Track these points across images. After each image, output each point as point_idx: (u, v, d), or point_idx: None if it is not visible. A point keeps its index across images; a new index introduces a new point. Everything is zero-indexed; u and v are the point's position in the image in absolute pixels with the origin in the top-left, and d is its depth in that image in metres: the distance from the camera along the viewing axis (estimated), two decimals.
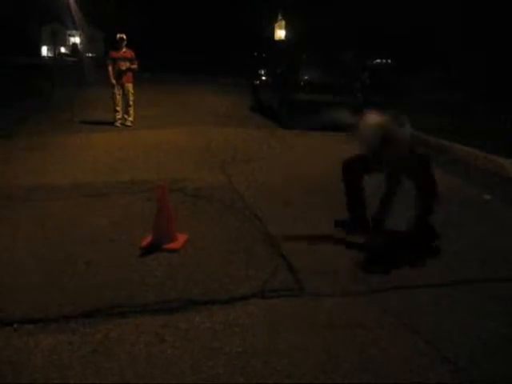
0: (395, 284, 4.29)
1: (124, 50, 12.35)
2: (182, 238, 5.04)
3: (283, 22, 36.59)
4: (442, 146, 10.37)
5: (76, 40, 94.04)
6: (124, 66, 12.26)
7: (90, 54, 77.95)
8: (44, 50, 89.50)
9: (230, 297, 3.94)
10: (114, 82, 12.29)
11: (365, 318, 3.72)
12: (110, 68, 12.31)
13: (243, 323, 3.57)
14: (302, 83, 13.16)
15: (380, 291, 4.14)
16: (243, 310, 3.77)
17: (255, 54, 37.91)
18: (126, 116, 12.55)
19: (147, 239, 4.94)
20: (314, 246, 5.06)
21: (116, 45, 12.43)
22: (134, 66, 12.44)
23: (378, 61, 27.88)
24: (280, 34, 36.89)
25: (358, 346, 3.35)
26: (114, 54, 12.37)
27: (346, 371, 3.11)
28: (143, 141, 10.62)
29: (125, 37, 12.31)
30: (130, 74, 12.43)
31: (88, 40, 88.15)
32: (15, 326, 3.51)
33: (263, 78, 16.89)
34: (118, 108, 12.47)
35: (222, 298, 3.92)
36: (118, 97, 12.40)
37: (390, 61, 27.53)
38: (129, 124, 12.49)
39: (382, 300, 3.99)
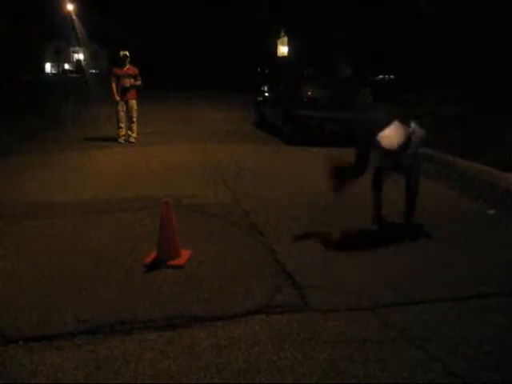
0: (399, 299, 4.28)
1: (127, 67, 12.43)
2: (186, 254, 5.04)
3: (286, 38, 36.87)
4: (444, 160, 10.39)
5: (80, 57, 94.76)
6: (128, 82, 12.33)
7: (94, 71, 78.61)
8: (48, 67, 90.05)
9: (235, 313, 3.94)
10: (117, 98, 12.36)
11: (369, 333, 3.71)
12: (114, 85, 12.38)
13: (248, 339, 3.57)
14: (304, 99, 13.21)
15: (384, 306, 4.14)
16: (248, 326, 3.77)
17: (258, 70, 38.08)
18: (129, 132, 12.60)
19: (151, 255, 4.95)
20: (318, 262, 5.06)
21: (119, 62, 12.52)
22: (138, 83, 12.51)
23: (381, 76, 28.03)
24: (283, 50, 37.18)
25: (362, 362, 3.34)
26: (117, 70, 12.45)
27: None
28: (147, 157, 10.66)
29: (128, 54, 12.41)
30: (133, 91, 12.51)
31: (92, 57, 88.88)
32: (20, 342, 3.52)
33: (266, 94, 16.95)
34: (122, 124, 12.52)
35: (226, 315, 3.92)
36: (121, 113, 12.45)
37: (392, 76, 27.66)
38: (132, 140, 12.54)
39: (386, 315, 3.98)
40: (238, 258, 5.10)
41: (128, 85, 12.32)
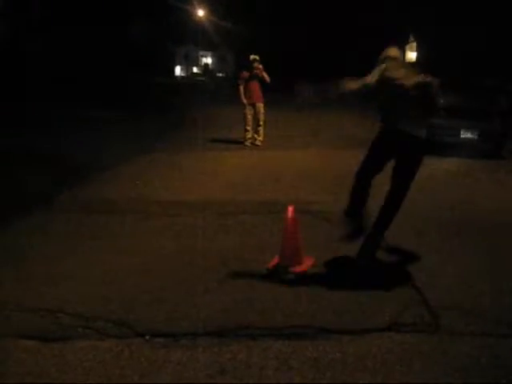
0: None
1: (256, 70, 12.50)
2: (308, 261, 4.94)
3: (415, 44, 35.77)
4: None
5: (208, 60, 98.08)
6: (255, 86, 12.42)
7: (221, 74, 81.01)
8: (177, 70, 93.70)
9: (362, 328, 3.77)
10: (245, 101, 12.49)
11: (503, 360, 3.42)
12: (242, 88, 12.53)
13: (375, 357, 3.39)
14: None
15: None
16: (374, 342, 3.58)
17: None
18: (255, 135, 12.70)
19: (275, 260, 4.89)
20: (450, 278, 4.77)
21: (248, 65, 12.63)
22: (266, 79, 12.45)
23: None
24: (411, 56, 36.09)
25: None
26: (245, 74, 12.58)
27: None
28: (272, 161, 10.70)
29: (258, 58, 12.49)
30: (260, 94, 12.59)
31: (219, 60, 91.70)
32: (147, 337, 3.59)
33: None
34: (248, 127, 12.65)
35: (352, 329, 3.76)
36: (248, 116, 12.57)
37: None
38: (258, 144, 12.64)
39: None
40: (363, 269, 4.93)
41: (255, 88, 12.42)
